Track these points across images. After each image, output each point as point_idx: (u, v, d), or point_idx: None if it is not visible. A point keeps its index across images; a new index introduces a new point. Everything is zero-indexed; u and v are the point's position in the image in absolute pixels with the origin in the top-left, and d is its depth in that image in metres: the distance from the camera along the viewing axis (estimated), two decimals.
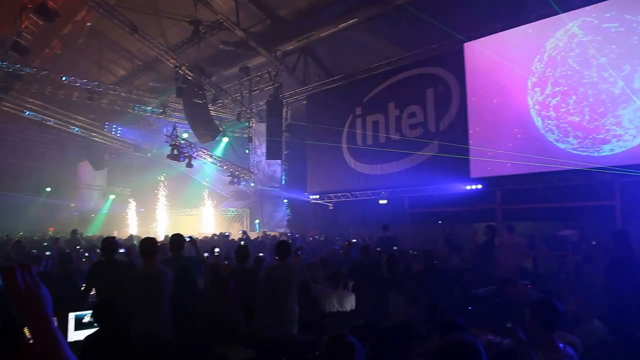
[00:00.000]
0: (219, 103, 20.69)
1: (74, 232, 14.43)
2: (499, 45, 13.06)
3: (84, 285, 5.97)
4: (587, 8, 11.38)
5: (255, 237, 17.86)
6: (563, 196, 12.17)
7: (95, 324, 4.29)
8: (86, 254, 10.25)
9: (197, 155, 19.79)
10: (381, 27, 14.25)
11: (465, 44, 13.96)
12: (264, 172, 22.76)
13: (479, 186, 13.93)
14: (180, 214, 25.82)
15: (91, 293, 5.79)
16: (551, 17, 11.94)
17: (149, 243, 5.27)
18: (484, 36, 13.51)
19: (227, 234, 18.40)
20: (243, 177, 21.17)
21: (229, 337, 4.93)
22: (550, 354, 3.24)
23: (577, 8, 11.57)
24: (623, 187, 11.19)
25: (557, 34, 11.88)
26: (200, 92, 18.50)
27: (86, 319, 4.82)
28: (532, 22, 12.40)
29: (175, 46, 18.22)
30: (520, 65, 12.43)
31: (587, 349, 3.71)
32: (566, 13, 11.61)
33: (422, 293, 6.33)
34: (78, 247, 12.88)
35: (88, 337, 4.16)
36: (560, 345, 3.28)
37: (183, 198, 25.34)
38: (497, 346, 4.12)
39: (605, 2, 11.12)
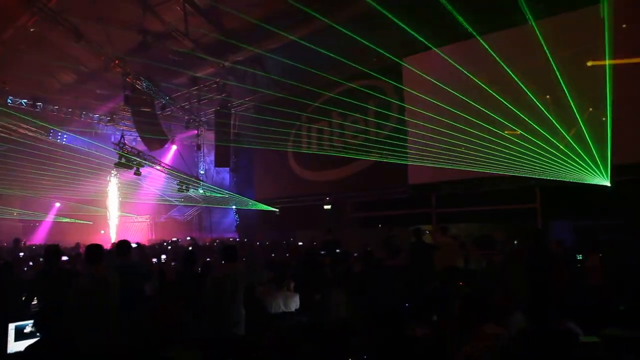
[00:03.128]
0: (167, 111, 20.30)
1: (16, 241, 13.69)
2: (435, 61, 13.43)
3: (25, 295, 5.66)
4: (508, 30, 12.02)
5: (204, 242, 17.62)
6: (491, 200, 12.69)
7: (37, 334, 4.10)
8: (30, 263, 9.82)
9: (145, 162, 19.31)
10: (325, 40, 14.40)
11: (405, 58, 14.36)
12: (213, 179, 22.56)
13: (415, 192, 14.33)
14: (130, 220, 25.08)
15: (33, 303, 5.53)
16: (481, 36, 12.46)
17: (94, 249, 5.12)
18: (422, 52, 13.89)
19: (176, 239, 18.08)
20: (192, 184, 20.84)
21: (177, 340, 4.85)
22: (478, 343, 3.40)
23: (499, 30, 12.20)
24: (542, 192, 11.84)
25: (482, 52, 12.38)
26: (148, 100, 18.10)
27: (27, 329, 4.60)
28: (462, 40, 12.87)
29: (123, 54, 17.73)
30: (453, 80, 12.84)
31: (510, 338, 3.90)
32: (492, 33, 12.16)
33: (363, 292, 6.44)
34: (21, 254, 12.31)
35: (29, 347, 3.93)
36: (487, 334, 3.45)
37: (132, 205, 24.62)
38: (430, 337, 4.25)
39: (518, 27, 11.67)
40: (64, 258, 7.43)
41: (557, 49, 10.70)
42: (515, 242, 9.26)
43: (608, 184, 10.15)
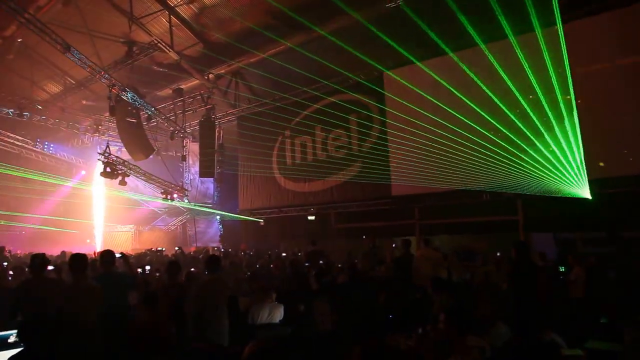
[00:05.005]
0: (152, 122, 20.12)
1: (1, 249, 13.41)
2: (413, 75, 13.50)
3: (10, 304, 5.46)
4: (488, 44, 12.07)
5: (189, 252, 17.40)
6: (473, 212, 12.69)
7: (21, 344, 3.96)
8: (11, 272, 9.55)
9: (130, 172, 19.05)
10: (308, 54, 14.45)
11: (385, 73, 14.42)
12: (197, 189, 22.44)
13: (399, 204, 14.31)
14: (115, 230, 24.70)
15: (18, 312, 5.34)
16: (457, 52, 12.55)
17: (78, 259, 5.03)
18: (401, 66, 13.96)
19: (160, 249, 17.83)
20: (177, 194, 20.63)
21: (160, 351, 4.73)
22: (462, 356, 3.34)
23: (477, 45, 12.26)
24: (524, 204, 11.85)
25: (462, 66, 12.49)
26: (134, 111, 17.94)
27: (11, 339, 4.44)
28: (441, 55, 12.95)
29: (108, 66, 17.58)
30: (432, 93, 12.90)
31: (494, 350, 3.86)
32: (470, 48, 12.23)
33: (347, 303, 6.36)
34: (5, 264, 12.01)
35: (12, 358, 3.77)
36: (471, 346, 3.39)
37: (117, 215, 24.27)
38: (414, 349, 4.20)
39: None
40: (50, 267, 7.22)
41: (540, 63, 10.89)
42: (498, 254, 9.27)
43: (589, 196, 10.24)
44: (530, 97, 11.08)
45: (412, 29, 11.95)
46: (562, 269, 7.85)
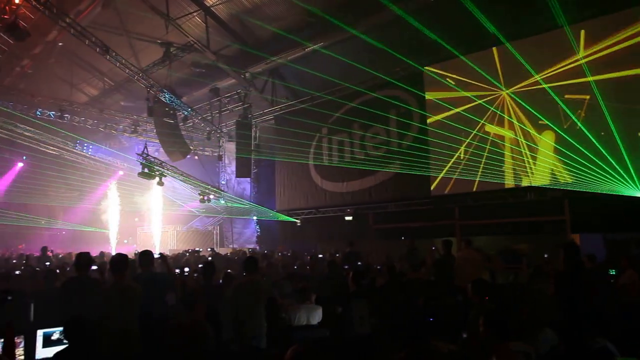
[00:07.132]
0: (189, 123, 20.53)
1: (44, 249, 13.97)
2: (455, 70, 13.36)
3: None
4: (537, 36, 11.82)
5: (225, 253, 17.66)
6: (517, 212, 12.40)
7: (65, 341, 4.12)
8: (57, 271, 9.93)
9: (168, 173, 19.49)
10: (346, 51, 14.45)
11: (425, 68, 14.28)
12: (234, 189, 22.72)
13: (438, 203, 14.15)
14: (155, 230, 25.32)
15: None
16: (498, 46, 12.35)
17: (119, 259, 5.20)
18: (442, 61, 13.81)
19: (197, 250, 18.15)
20: (213, 195, 20.98)
21: (198, 352, 4.82)
22: None
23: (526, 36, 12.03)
24: (572, 203, 11.49)
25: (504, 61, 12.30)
26: (171, 111, 18.37)
27: (55, 336, 4.63)
28: (483, 50, 12.77)
29: (146, 67, 18.06)
30: (474, 88, 12.73)
31: (540, 356, 3.77)
32: (512, 42, 12.02)
33: (386, 306, 6.34)
34: (47, 263, 12.50)
35: (57, 354, 3.95)
36: (515, 353, 3.33)
37: (156, 215, 24.86)
38: (458, 354, 4.16)
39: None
40: (94, 267, 7.47)
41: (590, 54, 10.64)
42: (546, 256, 9.01)
43: None
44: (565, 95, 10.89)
45: (453, 22, 11.85)
46: (612, 272, 7.56)
